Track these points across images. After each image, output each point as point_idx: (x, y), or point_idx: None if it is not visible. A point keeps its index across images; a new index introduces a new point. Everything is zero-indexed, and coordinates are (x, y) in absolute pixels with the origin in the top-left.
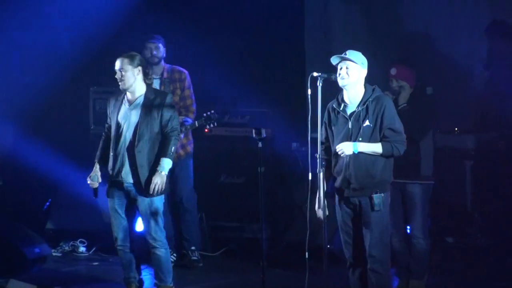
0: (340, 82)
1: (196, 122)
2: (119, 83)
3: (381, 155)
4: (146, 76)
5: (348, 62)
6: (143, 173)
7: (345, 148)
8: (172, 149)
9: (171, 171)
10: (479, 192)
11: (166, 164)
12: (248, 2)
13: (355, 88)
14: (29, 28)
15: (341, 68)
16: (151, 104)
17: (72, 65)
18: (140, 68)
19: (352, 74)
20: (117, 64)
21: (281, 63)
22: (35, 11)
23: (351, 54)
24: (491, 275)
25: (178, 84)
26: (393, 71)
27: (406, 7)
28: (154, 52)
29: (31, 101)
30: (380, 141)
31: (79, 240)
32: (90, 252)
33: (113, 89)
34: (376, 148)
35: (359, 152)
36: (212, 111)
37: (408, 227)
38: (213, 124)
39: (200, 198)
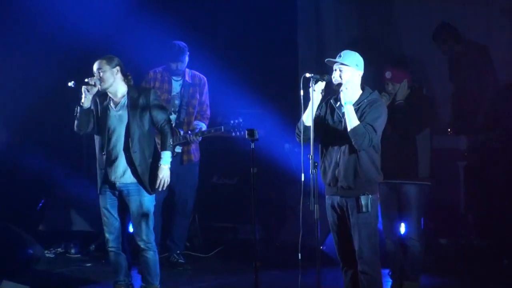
0: (334, 85)
1: (222, 127)
2: (99, 85)
3: (350, 130)
4: (126, 77)
5: (341, 65)
6: (142, 172)
7: (350, 91)
8: (170, 140)
9: (176, 174)
10: (473, 193)
11: (167, 156)
12: (240, 3)
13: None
14: (23, 29)
15: (335, 70)
16: (136, 102)
17: (66, 67)
18: (118, 68)
19: (346, 77)
20: (95, 65)
21: (274, 64)
22: (27, 12)
23: (345, 56)
24: (485, 276)
25: (198, 88)
26: (388, 75)
27: (399, 7)
28: (180, 68)
29: (24, 103)
30: None
31: (72, 242)
32: (83, 254)
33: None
34: (355, 120)
35: (349, 151)
36: (241, 120)
37: (402, 227)
38: (240, 133)
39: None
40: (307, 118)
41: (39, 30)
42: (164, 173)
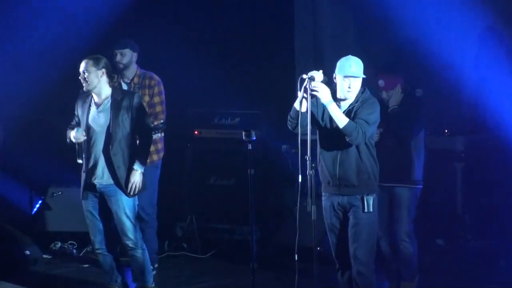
0: (342, 95)
1: None
2: (83, 85)
3: (341, 128)
4: (111, 79)
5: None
6: (121, 174)
7: (324, 92)
8: (148, 148)
9: None
10: (470, 194)
11: (142, 162)
12: (237, 3)
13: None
14: (18, 29)
15: (344, 81)
16: (119, 105)
17: (61, 67)
18: (104, 70)
19: (354, 87)
20: (82, 65)
21: (270, 65)
22: (23, 10)
23: (356, 66)
24: (482, 277)
25: (147, 90)
26: (381, 84)
27: (395, 8)
28: (118, 59)
29: (20, 103)
30: None
31: (69, 242)
32: (81, 254)
33: (80, 91)
34: (342, 117)
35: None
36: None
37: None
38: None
39: (190, 200)
40: (298, 104)
41: (35, 29)
42: (136, 177)
